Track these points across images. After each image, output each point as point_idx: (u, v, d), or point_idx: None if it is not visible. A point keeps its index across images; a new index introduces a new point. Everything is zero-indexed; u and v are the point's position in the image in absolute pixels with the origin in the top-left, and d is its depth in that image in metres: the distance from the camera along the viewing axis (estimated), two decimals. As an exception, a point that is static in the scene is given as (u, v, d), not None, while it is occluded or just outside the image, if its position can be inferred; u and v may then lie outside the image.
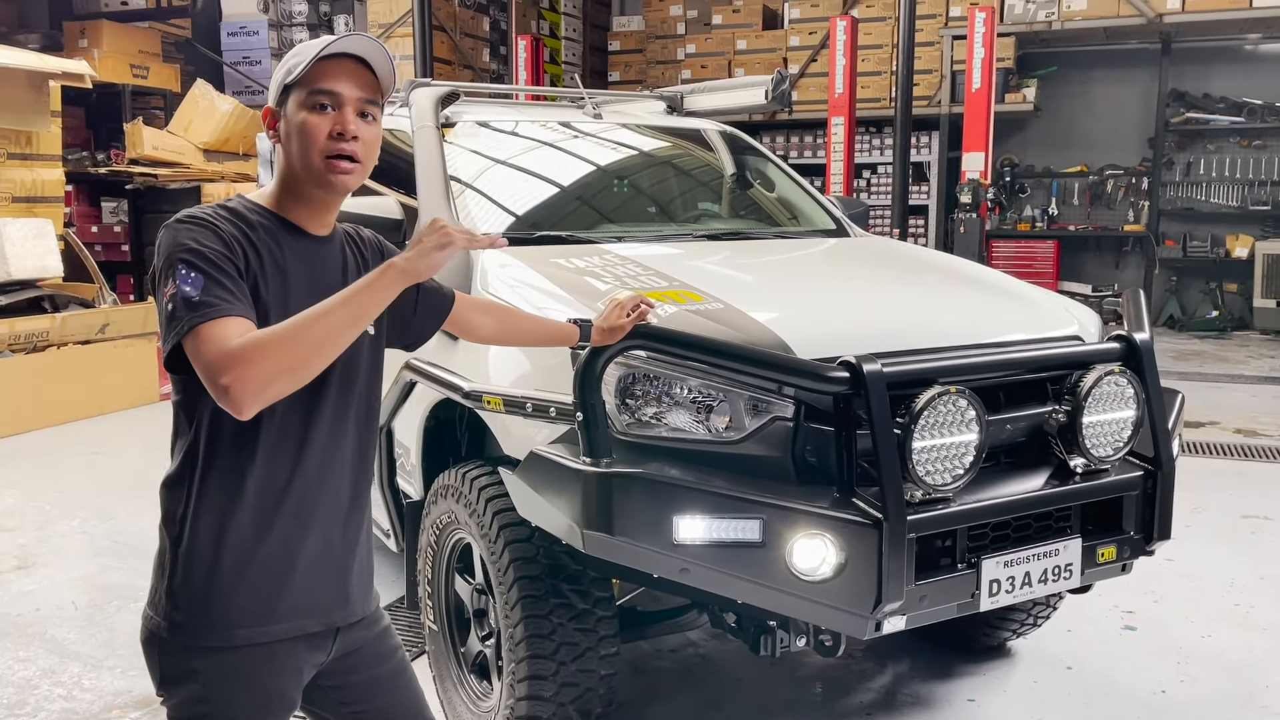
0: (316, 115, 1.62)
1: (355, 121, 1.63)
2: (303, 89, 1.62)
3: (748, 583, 2.33)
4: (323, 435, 1.68)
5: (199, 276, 1.50)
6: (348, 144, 1.62)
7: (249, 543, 1.63)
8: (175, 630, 1.63)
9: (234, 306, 1.50)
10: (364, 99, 1.64)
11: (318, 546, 1.69)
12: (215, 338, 1.46)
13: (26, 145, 7.28)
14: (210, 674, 1.64)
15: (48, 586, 4.22)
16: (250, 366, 1.43)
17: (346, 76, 1.63)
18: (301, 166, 1.63)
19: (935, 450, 2.35)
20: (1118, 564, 2.67)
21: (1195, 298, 11.60)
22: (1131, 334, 2.71)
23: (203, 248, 1.53)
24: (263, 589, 1.64)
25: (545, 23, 12.57)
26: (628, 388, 2.40)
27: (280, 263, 1.62)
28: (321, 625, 1.71)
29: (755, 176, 4.30)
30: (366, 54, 1.65)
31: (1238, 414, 7.25)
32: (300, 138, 1.61)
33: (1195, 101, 11.38)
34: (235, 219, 1.60)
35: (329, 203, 1.69)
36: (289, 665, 1.69)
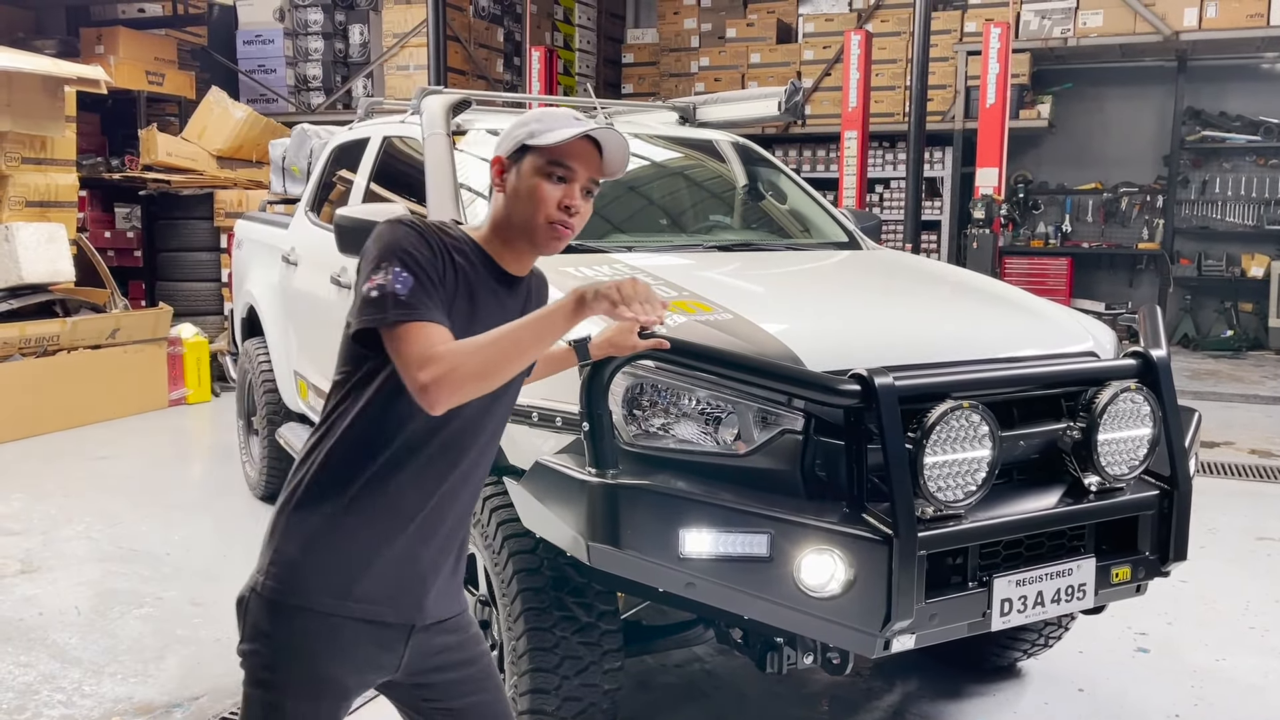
0: (551, 184, 1.76)
1: (579, 198, 1.79)
2: (543, 156, 1.76)
3: (754, 598, 2.30)
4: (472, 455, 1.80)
5: (410, 278, 1.63)
6: (571, 218, 1.78)
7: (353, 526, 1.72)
8: (263, 582, 1.72)
9: (435, 313, 1.64)
10: (592, 179, 1.80)
11: (407, 550, 1.76)
12: (420, 338, 1.61)
13: (41, 150, 7.30)
14: (277, 640, 1.72)
15: (51, 591, 4.21)
16: (450, 370, 1.58)
17: (585, 157, 1.78)
18: (521, 222, 1.78)
19: (947, 466, 2.31)
20: (1132, 585, 2.62)
21: (1210, 317, 11.52)
22: (1148, 350, 2.67)
23: (418, 254, 1.67)
24: (346, 568, 1.72)
25: (560, 34, 12.59)
26: (635, 398, 2.37)
27: (473, 293, 1.75)
28: (393, 618, 1.77)
29: (767, 188, 4.28)
30: (609, 144, 1.79)
31: (1253, 434, 7.18)
32: (531, 200, 1.76)
33: (1211, 119, 11.32)
34: (449, 240, 1.74)
35: (531, 256, 1.85)
36: (351, 654, 1.75)
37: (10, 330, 6.79)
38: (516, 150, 1.79)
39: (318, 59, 11.07)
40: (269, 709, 1.75)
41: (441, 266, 1.69)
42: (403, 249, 1.66)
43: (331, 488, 1.72)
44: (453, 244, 1.74)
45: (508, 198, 1.79)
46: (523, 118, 1.83)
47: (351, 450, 1.72)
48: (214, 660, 3.58)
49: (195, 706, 3.27)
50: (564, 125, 1.77)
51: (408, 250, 1.66)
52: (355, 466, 1.72)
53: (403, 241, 1.67)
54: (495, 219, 1.81)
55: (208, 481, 6.01)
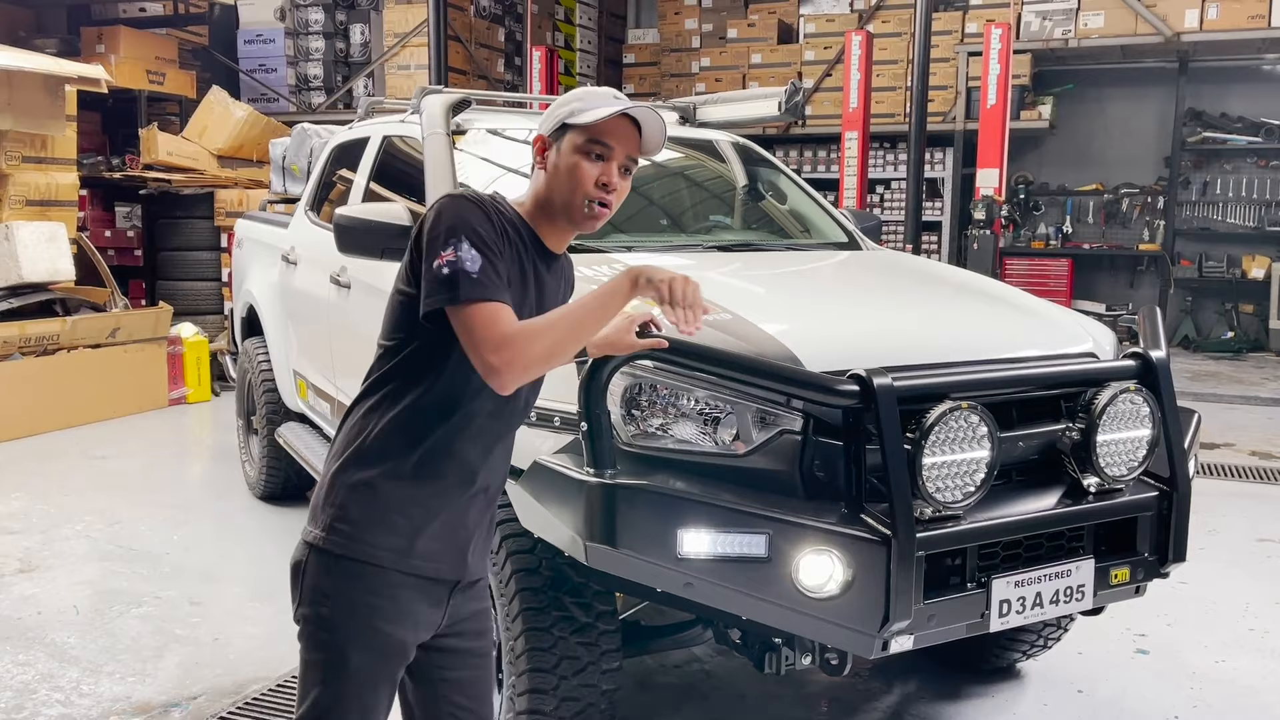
0: (590, 162, 1.81)
1: (618, 175, 1.83)
2: (583, 134, 1.81)
3: (752, 599, 2.29)
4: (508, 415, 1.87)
5: (479, 255, 1.68)
6: (609, 195, 1.82)
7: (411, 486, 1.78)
8: (326, 538, 1.76)
9: (503, 292, 1.69)
10: (630, 157, 1.84)
11: (460, 508, 1.83)
12: (490, 320, 1.66)
13: (42, 149, 7.30)
14: (340, 597, 1.77)
15: (50, 590, 4.20)
16: (520, 353, 1.65)
17: (623, 135, 1.82)
18: (561, 200, 1.82)
19: (946, 467, 2.31)
20: (1131, 586, 2.62)
21: (1210, 318, 11.51)
22: (1148, 351, 2.67)
23: (484, 230, 1.71)
24: (409, 526, 1.78)
25: (560, 34, 12.59)
26: (633, 398, 2.37)
27: (523, 265, 1.81)
28: (448, 574, 1.84)
29: (767, 188, 4.27)
30: (647, 122, 1.84)
31: (1253, 436, 7.17)
32: (570, 177, 1.81)
33: (1212, 121, 11.31)
34: (505, 216, 1.79)
35: (571, 233, 1.89)
36: (410, 611, 1.80)
37: (10, 329, 6.79)
38: (557, 129, 1.84)
39: (318, 58, 11.07)
40: (330, 670, 1.79)
41: (503, 242, 1.75)
42: (471, 225, 1.70)
43: (398, 450, 1.76)
44: (507, 218, 1.80)
45: (548, 176, 1.83)
46: (565, 97, 1.88)
47: (422, 415, 1.77)
48: (212, 660, 3.58)
49: (193, 706, 3.27)
50: (604, 104, 1.81)
51: (475, 227, 1.70)
52: (425, 430, 1.77)
53: (470, 217, 1.71)
54: (537, 196, 1.86)
55: (207, 481, 6.01)
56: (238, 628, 3.83)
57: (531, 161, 1.90)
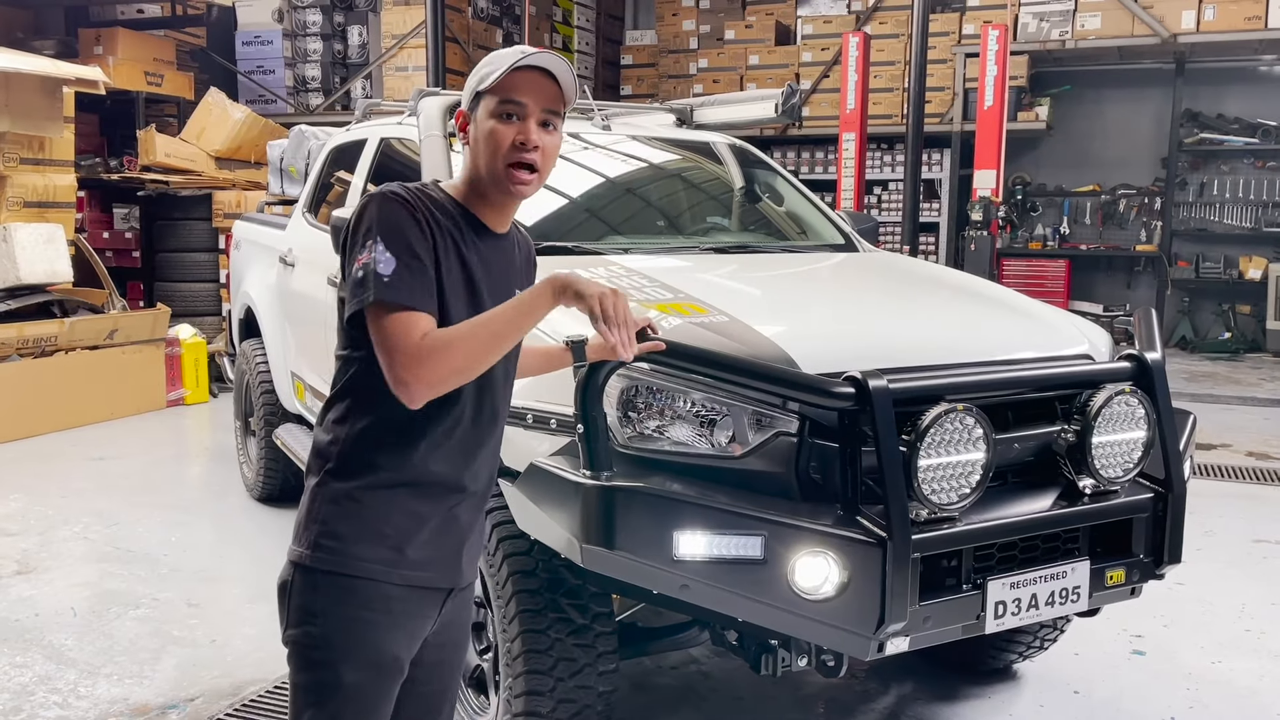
0: (503, 124, 1.73)
1: (537, 131, 1.73)
2: (493, 97, 1.73)
3: (748, 600, 2.30)
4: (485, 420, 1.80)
5: (392, 258, 1.61)
6: (529, 154, 1.72)
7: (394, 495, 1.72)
8: (313, 556, 1.71)
9: (418, 297, 1.62)
10: (547, 109, 1.75)
11: (447, 513, 1.78)
12: (402, 329, 1.60)
13: (39, 150, 7.30)
14: (330, 615, 1.71)
15: (48, 592, 4.20)
16: (429, 368, 1.58)
17: (533, 88, 1.73)
18: (487, 170, 1.74)
19: (941, 468, 2.31)
20: (1127, 587, 2.62)
21: (1207, 319, 11.53)
22: (1143, 353, 2.67)
23: (403, 230, 1.64)
24: (396, 537, 1.72)
25: (559, 36, 12.60)
26: (630, 400, 2.37)
27: (463, 254, 1.73)
28: (442, 582, 1.79)
29: (764, 190, 4.28)
30: (553, 68, 1.74)
31: (1250, 437, 7.18)
32: (487, 144, 1.73)
33: (1209, 122, 11.33)
34: (434, 206, 1.72)
35: (508, 205, 1.80)
36: (403, 623, 1.75)
37: (8, 331, 6.79)
38: (473, 101, 1.77)
39: (316, 60, 11.07)
40: (324, 691, 1.72)
41: (428, 236, 1.67)
42: (388, 224, 1.64)
43: (375, 461, 1.71)
44: (437, 207, 1.73)
45: (471, 150, 1.77)
46: (476, 67, 1.80)
47: (394, 429, 1.71)
48: (210, 661, 3.58)
49: (191, 708, 3.27)
50: (502, 64, 1.73)
51: (392, 226, 1.64)
52: (399, 443, 1.72)
53: (389, 216, 1.66)
54: (467, 173, 1.79)
55: (205, 482, 6.01)
56: (235, 629, 3.84)
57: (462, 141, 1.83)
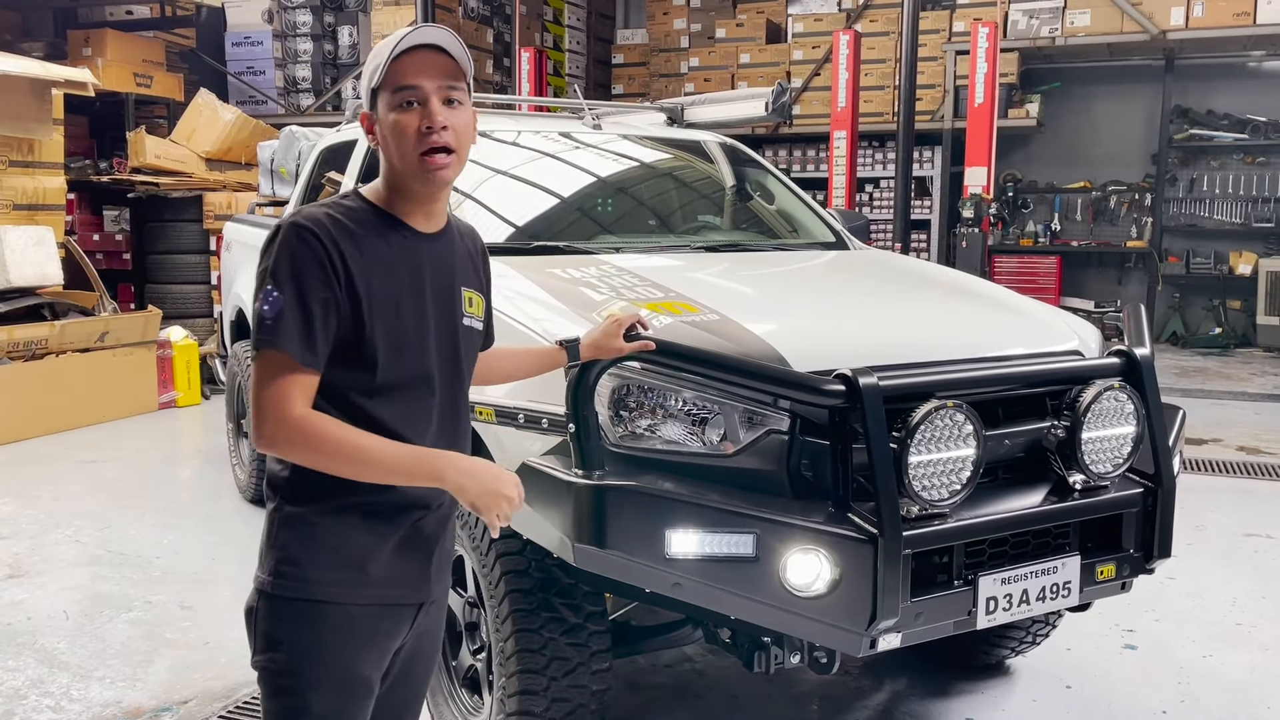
0: (404, 114, 1.65)
1: (442, 111, 1.65)
2: (386, 90, 1.66)
3: (741, 598, 2.30)
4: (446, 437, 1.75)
5: (280, 298, 1.56)
6: (438, 136, 1.64)
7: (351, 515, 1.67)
8: (274, 583, 1.66)
9: (300, 348, 1.57)
10: (446, 85, 1.66)
11: (411, 528, 1.73)
12: (278, 391, 1.56)
13: (29, 153, 7.27)
14: (296, 641, 1.67)
15: (39, 595, 4.19)
16: (286, 448, 1.58)
17: (424, 68, 1.65)
18: (401, 167, 1.67)
19: (932, 465, 2.32)
20: (1117, 582, 2.63)
21: (1198, 314, 11.57)
22: (1131, 349, 2.68)
23: (300, 272, 1.57)
24: (358, 558, 1.68)
25: (549, 35, 12.59)
26: (621, 399, 2.37)
27: (388, 262, 1.66)
28: (410, 598, 1.75)
29: (755, 189, 4.29)
30: (438, 41, 1.66)
31: (1241, 431, 7.21)
32: (395, 139, 1.65)
33: (1199, 118, 11.37)
34: (350, 225, 1.64)
35: (434, 197, 1.72)
36: (371, 644, 1.72)
37: (-2, 334, 6.78)
38: (371, 100, 1.69)
39: (307, 61, 11.05)
40: (292, 716, 1.69)
41: (336, 270, 1.59)
42: (283, 266, 1.58)
43: (327, 483, 1.64)
44: (356, 223, 1.65)
45: (383, 150, 1.69)
46: (365, 66, 1.73)
47: None
48: (203, 664, 3.57)
49: (184, 710, 3.27)
50: (387, 52, 1.66)
51: (289, 267, 1.58)
52: None
53: (287, 255, 1.58)
54: (384, 175, 1.72)
55: (197, 485, 6.00)
56: (228, 631, 3.83)
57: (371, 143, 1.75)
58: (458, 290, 1.78)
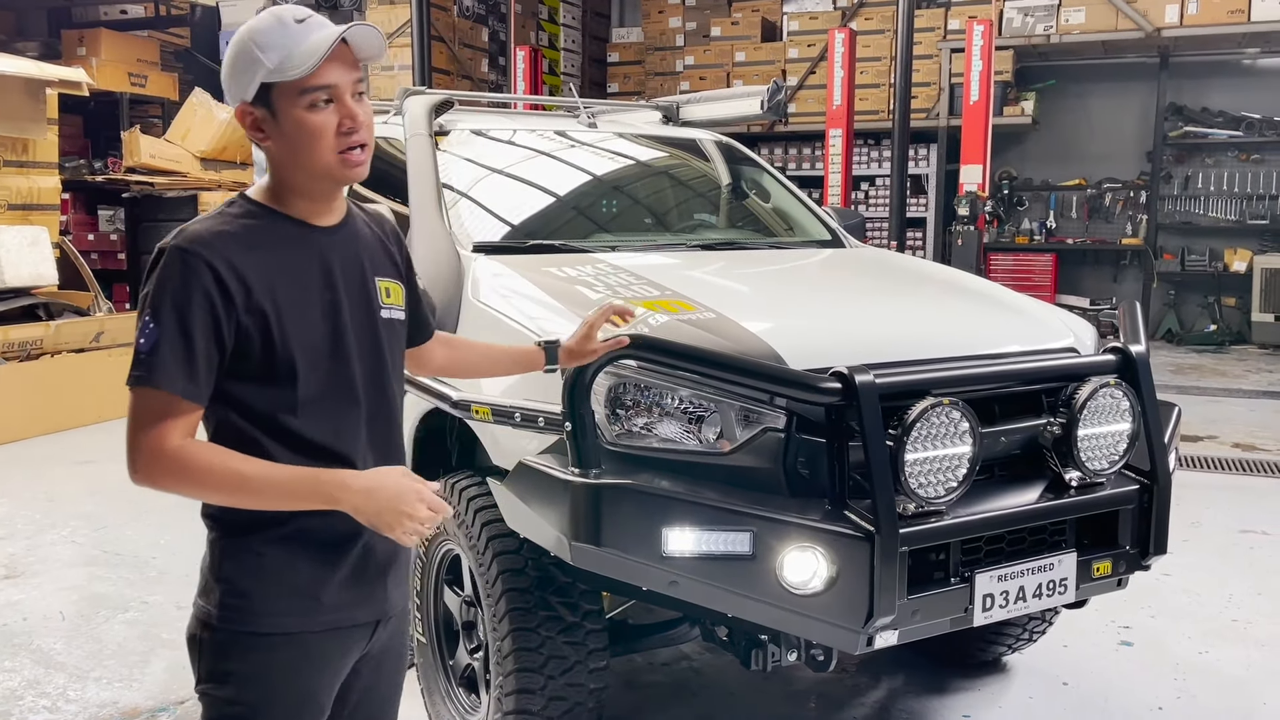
0: (318, 114, 1.55)
1: (355, 105, 1.58)
2: (294, 89, 1.54)
3: (738, 596, 2.30)
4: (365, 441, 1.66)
5: (155, 330, 1.47)
6: (358, 134, 1.57)
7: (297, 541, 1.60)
8: (221, 616, 1.59)
9: (178, 380, 1.47)
10: (356, 79, 1.59)
11: (362, 548, 1.66)
12: (155, 430, 1.47)
13: (23, 153, 7.26)
14: (246, 673, 1.60)
15: (36, 596, 4.19)
16: (163, 481, 1.49)
17: (337, 64, 1.56)
18: (311, 169, 1.57)
19: (928, 462, 2.32)
20: (1113, 579, 2.64)
21: (1193, 312, 11.59)
22: (1127, 346, 2.69)
23: (179, 300, 1.48)
24: (308, 584, 1.61)
25: (544, 34, 12.58)
26: (618, 398, 2.37)
27: (292, 266, 1.58)
28: (365, 617, 1.68)
29: (751, 187, 4.28)
30: (357, 37, 1.57)
31: (1236, 428, 7.22)
32: (307, 140, 1.55)
33: (1193, 115, 11.39)
34: (238, 236, 1.54)
35: (336, 193, 1.65)
36: (326, 667, 1.66)
37: (-7, 334, 6.77)
38: (260, 92, 1.55)
39: (302, 60, 11.03)
40: None
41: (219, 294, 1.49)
42: (161, 294, 1.48)
43: (267, 511, 1.56)
44: (245, 232, 1.55)
45: (278, 151, 1.58)
46: (238, 47, 1.56)
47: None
48: (200, 664, 3.57)
49: (181, 710, 3.26)
50: (291, 43, 1.53)
51: (166, 295, 1.48)
52: None
53: (165, 282, 1.49)
54: (278, 175, 1.60)
55: (193, 484, 5.98)
56: (225, 631, 3.82)
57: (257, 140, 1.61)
58: (371, 282, 1.69)
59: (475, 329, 2.83)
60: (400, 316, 1.75)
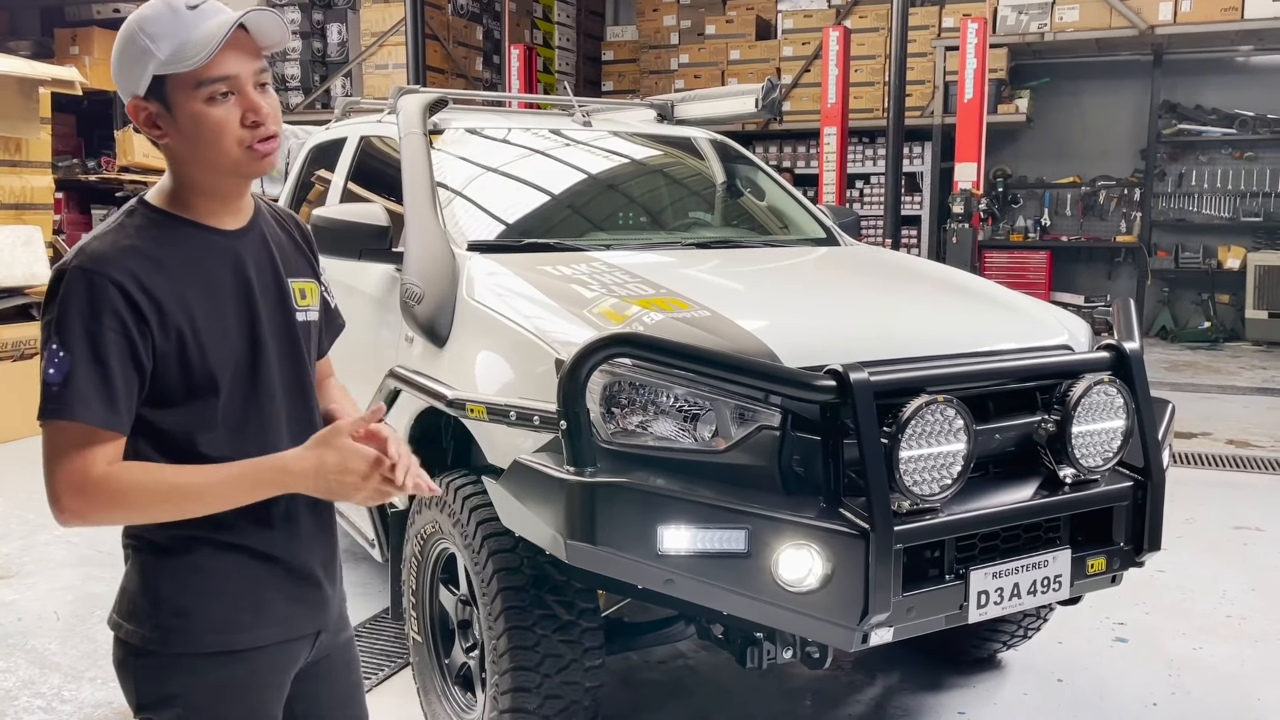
0: (218, 107, 1.45)
1: (259, 96, 1.48)
2: (190, 81, 1.44)
3: (733, 594, 2.30)
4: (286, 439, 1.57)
5: (67, 359, 1.38)
6: (265, 126, 1.48)
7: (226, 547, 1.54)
8: (162, 639, 1.52)
9: (94, 410, 1.39)
10: (258, 69, 1.49)
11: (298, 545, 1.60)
12: (76, 463, 1.38)
13: (16, 152, 7.24)
14: (189, 696, 1.53)
15: (30, 596, 4.18)
16: (92, 513, 1.40)
17: (235, 53, 1.45)
18: (216, 165, 1.48)
19: (923, 460, 2.33)
20: (1107, 575, 2.64)
21: (1187, 309, 11.61)
22: (1121, 343, 2.70)
23: (86, 324, 1.39)
24: (247, 597, 1.55)
25: (539, 32, 12.58)
26: (613, 396, 2.37)
27: (204, 276, 1.50)
28: (308, 628, 1.63)
29: (746, 185, 4.29)
30: (256, 23, 1.47)
31: (1230, 425, 7.24)
32: (209, 135, 1.45)
33: (1187, 113, 11.41)
34: (143, 251, 1.46)
35: (243, 190, 1.56)
36: (271, 681, 1.61)
37: (-14, 334, 6.75)
38: (152, 86, 1.45)
39: (295, 58, 11.02)
40: None
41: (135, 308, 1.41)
42: (67, 318, 1.40)
43: (201, 525, 1.49)
44: (151, 243, 1.47)
45: (176, 148, 1.49)
46: (126, 38, 1.47)
47: None
48: (195, 663, 3.56)
49: (176, 710, 3.26)
50: (181, 31, 1.43)
51: (73, 318, 1.39)
52: None
53: (70, 306, 1.40)
54: (179, 175, 1.51)
55: (188, 484, 5.98)
56: (220, 631, 3.82)
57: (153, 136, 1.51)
58: (285, 283, 1.61)
59: (470, 328, 2.83)
60: (316, 318, 1.68)
